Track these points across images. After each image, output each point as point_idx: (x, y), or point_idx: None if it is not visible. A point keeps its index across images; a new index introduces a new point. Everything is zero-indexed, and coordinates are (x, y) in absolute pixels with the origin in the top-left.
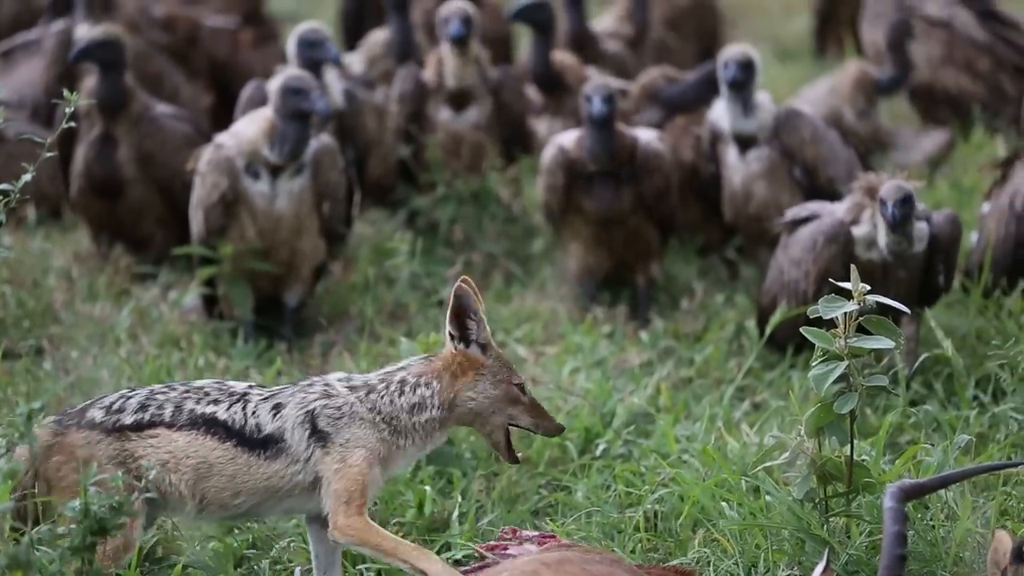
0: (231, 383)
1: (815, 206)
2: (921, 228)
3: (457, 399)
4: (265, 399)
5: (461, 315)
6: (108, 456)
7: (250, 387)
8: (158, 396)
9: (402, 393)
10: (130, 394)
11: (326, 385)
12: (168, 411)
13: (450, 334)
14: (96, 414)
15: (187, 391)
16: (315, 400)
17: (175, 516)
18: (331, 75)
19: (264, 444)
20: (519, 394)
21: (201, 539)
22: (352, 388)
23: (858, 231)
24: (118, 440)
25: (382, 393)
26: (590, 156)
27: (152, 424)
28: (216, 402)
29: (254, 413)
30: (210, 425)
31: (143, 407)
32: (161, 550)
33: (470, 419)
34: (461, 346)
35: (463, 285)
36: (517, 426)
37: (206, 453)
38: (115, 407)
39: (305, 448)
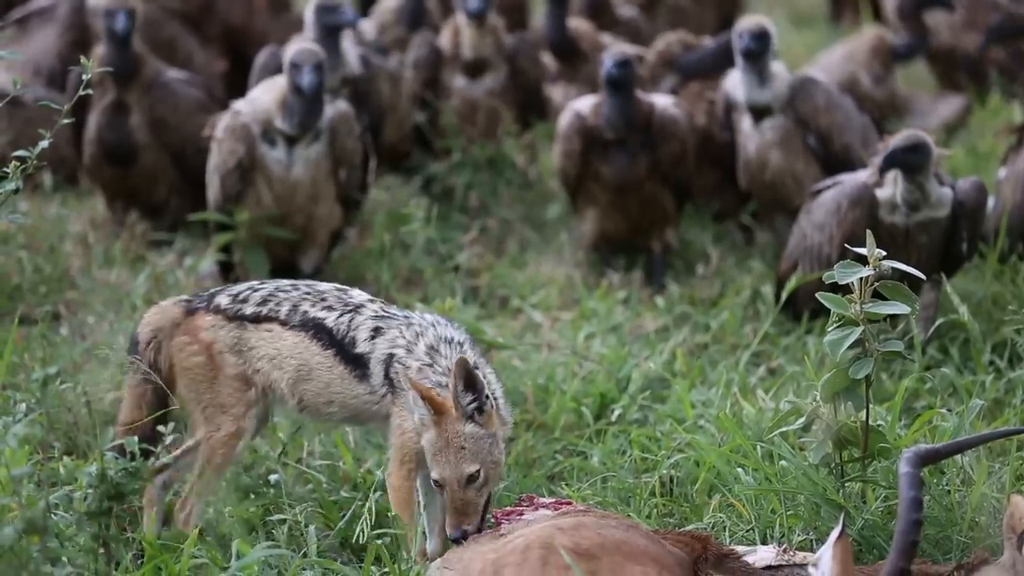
0: (354, 292)
1: (840, 177)
2: (944, 193)
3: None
4: (375, 317)
5: (470, 384)
6: (227, 342)
7: (370, 301)
8: (279, 293)
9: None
10: (258, 287)
11: (417, 336)
12: (284, 309)
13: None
14: (223, 300)
15: (308, 293)
16: (400, 346)
17: (281, 411)
18: (347, 41)
19: (355, 362)
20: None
21: (218, 505)
22: (429, 352)
23: (882, 194)
24: (237, 328)
25: (423, 375)
26: (607, 123)
27: (268, 319)
28: (330, 308)
29: (356, 327)
30: (317, 330)
31: (264, 301)
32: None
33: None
34: (447, 395)
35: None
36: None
37: (308, 357)
38: (241, 296)
39: (381, 385)
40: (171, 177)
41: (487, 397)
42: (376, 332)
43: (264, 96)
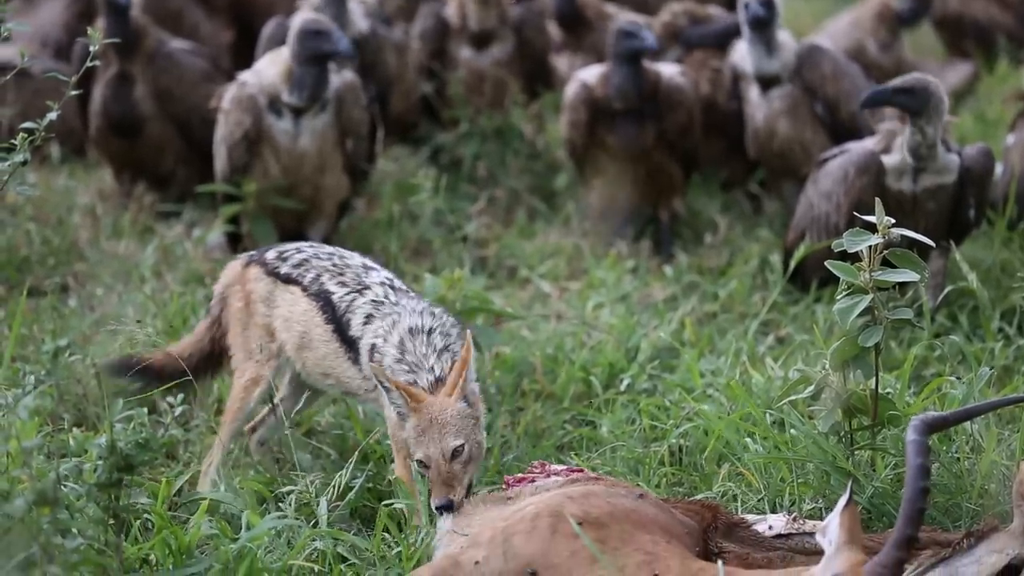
0: (375, 270)
1: (847, 146)
2: (951, 159)
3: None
4: (373, 302)
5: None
6: (261, 294)
7: (384, 282)
8: (314, 260)
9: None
10: (303, 247)
11: (393, 326)
12: (309, 276)
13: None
14: (269, 255)
15: (334, 264)
16: (381, 342)
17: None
18: (355, 10)
19: (350, 344)
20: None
21: (227, 477)
22: (399, 345)
23: (889, 160)
24: (272, 283)
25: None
26: (617, 93)
27: (295, 281)
28: (343, 284)
29: (353, 310)
30: (325, 303)
31: (299, 264)
32: (188, 487)
33: None
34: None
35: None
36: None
37: (311, 327)
38: (284, 255)
39: (371, 374)
40: (177, 148)
41: (477, 382)
42: (368, 319)
43: (269, 69)
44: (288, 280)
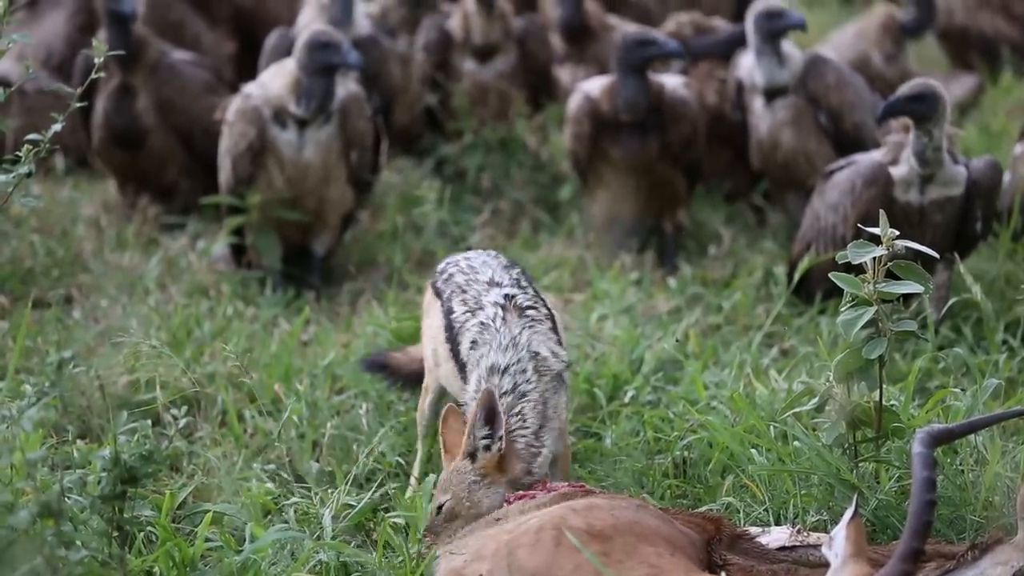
0: (498, 286)
1: (854, 157)
2: (958, 171)
3: None
4: (480, 325)
5: (490, 419)
6: (425, 305)
7: (497, 302)
8: (460, 271)
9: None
10: (473, 260)
11: (478, 361)
12: (448, 291)
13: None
14: (441, 265)
15: (472, 280)
16: (472, 367)
17: None
18: (360, 10)
19: (462, 368)
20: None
21: (231, 488)
22: (477, 384)
23: (896, 172)
24: (435, 297)
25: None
26: (626, 105)
27: (443, 296)
28: (464, 303)
29: (464, 331)
30: (449, 320)
31: (451, 276)
32: (192, 499)
33: None
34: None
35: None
36: None
37: (439, 344)
38: (454, 263)
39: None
40: (180, 160)
41: (500, 438)
42: (473, 345)
43: (274, 82)
44: (439, 294)
